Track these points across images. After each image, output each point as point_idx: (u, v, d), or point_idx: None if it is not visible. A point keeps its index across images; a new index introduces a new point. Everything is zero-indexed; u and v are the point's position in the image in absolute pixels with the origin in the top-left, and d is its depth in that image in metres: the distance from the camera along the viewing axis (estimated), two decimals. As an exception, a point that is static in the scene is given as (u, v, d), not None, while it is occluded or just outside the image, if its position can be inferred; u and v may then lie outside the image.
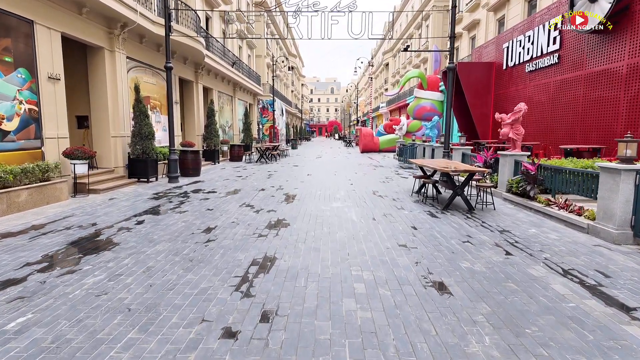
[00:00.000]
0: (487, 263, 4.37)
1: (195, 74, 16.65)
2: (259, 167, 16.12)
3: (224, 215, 6.70)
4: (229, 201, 8.06)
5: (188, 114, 16.78)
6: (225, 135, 21.76)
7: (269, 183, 10.94)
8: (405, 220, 6.41)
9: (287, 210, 7.22)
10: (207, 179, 11.75)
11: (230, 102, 22.93)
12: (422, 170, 9.16)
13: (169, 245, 4.94)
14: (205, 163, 16.32)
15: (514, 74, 15.61)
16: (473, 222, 6.36)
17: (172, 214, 6.85)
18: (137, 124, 10.58)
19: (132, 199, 8.33)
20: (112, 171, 10.46)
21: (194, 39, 13.42)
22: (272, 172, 13.82)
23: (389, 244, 5.06)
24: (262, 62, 32.95)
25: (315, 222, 6.23)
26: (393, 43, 49.60)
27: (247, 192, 9.34)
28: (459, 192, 7.24)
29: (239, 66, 23.26)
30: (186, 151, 12.29)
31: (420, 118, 27.27)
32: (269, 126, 31.86)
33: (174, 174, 10.88)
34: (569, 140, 12.01)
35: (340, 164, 17.77)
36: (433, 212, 7.09)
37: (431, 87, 27.08)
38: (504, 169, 8.54)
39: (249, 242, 5.08)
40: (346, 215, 6.77)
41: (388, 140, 28.12)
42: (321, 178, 12.15)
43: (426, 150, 15.28)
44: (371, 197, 8.63)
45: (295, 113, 57.65)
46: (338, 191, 9.51)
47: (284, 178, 12.15)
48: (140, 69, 12.18)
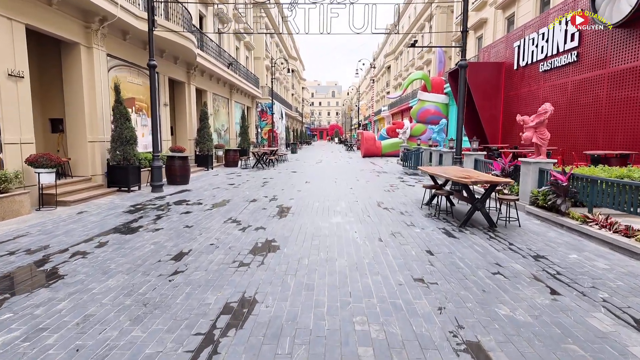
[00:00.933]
0: (531, 308, 3.35)
1: (187, 74, 15.71)
2: (255, 173, 15.12)
3: (203, 235, 5.69)
4: (213, 216, 7.05)
5: (179, 117, 15.82)
6: (220, 140, 20.80)
7: (262, 192, 9.93)
8: (418, 242, 5.38)
9: (279, 227, 6.20)
10: (195, 188, 10.75)
11: (227, 104, 21.99)
12: (432, 179, 8.15)
13: (125, 280, 3.93)
14: (198, 169, 15.35)
15: (527, 74, 14.63)
16: (498, 244, 5.33)
17: (144, 232, 5.84)
18: (117, 128, 9.60)
19: (105, 212, 7.32)
20: (89, 179, 9.48)
21: (184, 36, 12.47)
22: (267, 180, 12.82)
23: (402, 277, 4.04)
24: (261, 64, 32.07)
25: (310, 245, 5.20)
26: (395, 45, 48.74)
27: (236, 203, 8.33)
28: (479, 206, 6.22)
29: (236, 68, 22.34)
30: (173, 157, 11.31)
31: (424, 121, 26.27)
32: (268, 130, 30.90)
33: (157, 182, 9.88)
34: (591, 145, 10.99)
35: (341, 169, 16.76)
36: (449, 230, 6.06)
37: (435, 89, 26.12)
38: (526, 179, 7.52)
39: (225, 275, 4.06)
40: (347, 235, 5.75)
41: (391, 145, 27.12)
42: (320, 186, 11.14)
43: (433, 156, 14.26)
44: (376, 210, 7.61)
45: (295, 117, 56.75)
46: (338, 202, 8.49)
47: (279, 186, 11.14)
48: (124, 68, 11.22)
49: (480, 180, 5.98)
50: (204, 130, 15.73)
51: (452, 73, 18.38)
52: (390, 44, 53.16)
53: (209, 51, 17.55)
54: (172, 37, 11.86)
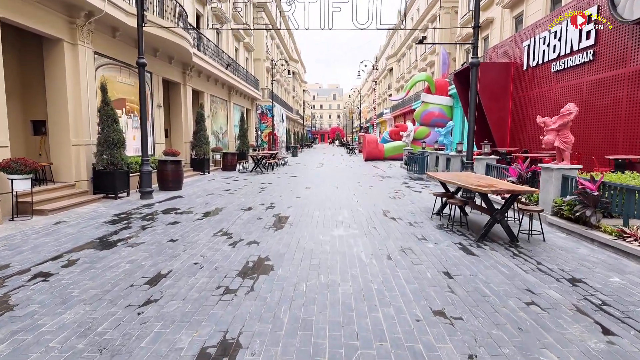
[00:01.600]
0: (584, 356, 2.66)
1: (182, 75, 15.09)
2: (253, 177, 14.46)
3: (187, 251, 5.02)
4: (202, 227, 6.38)
5: (175, 119, 15.20)
6: (218, 143, 20.17)
7: (259, 199, 9.26)
8: (432, 261, 4.70)
9: (274, 241, 5.53)
10: (188, 194, 10.09)
11: (225, 107, 21.38)
12: (443, 186, 7.48)
13: (85, 313, 3.26)
14: (193, 173, 14.70)
15: (537, 74, 13.97)
16: (525, 263, 4.64)
17: (122, 248, 5.18)
18: (103, 130, 8.96)
19: (84, 223, 6.66)
20: (73, 186, 8.83)
21: (178, 34, 11.86)
22: (265, 185, 12.15)
23: (419, 309, 3.36)
24: (261, 66, 31.50)
25: (309, 264, 4.53)
26: (397, 47, 48.18)
27: (229, 212, 7.66)
28: (499, 218, 5.54)
29: (235, 69, 21.75)
30: (165, 161, 10.65)
31: (428, 124, 25.62)
32: (268, 132, 30.30)
33: (146, 188, 9.22)
34: (610, 149, 10.30)
35: (342, 174, 16.09)
36: (466, 246, 5.38)
37: (439, 91, 25.50)
38: (547, 187, 6.83)
39: (205, 307, 3.38)
40: (352, 251, 5.07)
41: (394, 148, 26.46)
42: (321, 192, 10.47)
43: (440, 160, 13.57)
44: (382, 220, 6.93)
45: (296, 119, 56.19)
46: (340, 211, 7.81)
47: (278, 192, 10.47)
48: (114, 67, 10.60)
49: (501, 189, 5.31)
50: (200, 133, 15.10)
51: (458, 74, 17.74)
52: (393, 46, 52.62)
53: (207, 51, 16.95)
54: (165, 35, 11.24)
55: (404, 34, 45.19)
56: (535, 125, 14.57)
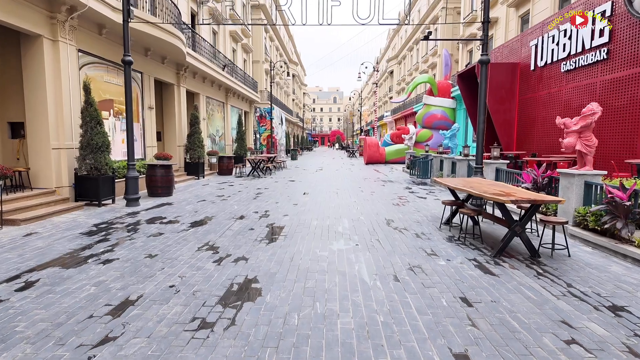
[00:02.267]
0: None
1: (176, 76, 14.52)
2: (249, 182, 13.85)
3: (165, 270, 4.40)
4: (187, 239, 5.76)
5: (168, 121, 14.61)
6: (215, 146, 19.58)
7: (253, 206, 8.64)
8: (446, 282, 4.07)
9: (265, 257, 4.90)
10: (178, 201, 9.47)
11: (222, 109, 20.80)
12: (452, 193, 6.85)
13: (24, 356, 2.63)
14: (187, 178, 14.09)
15: (546, 74, 13.38)
16: (553, 285, 4.01)
17: (92, 265, 4.55)
18: (86, 133, 8.36)
19: (58, 234, 6.04)
20: (53, 192, 8.21)
21: (170, 32, 11.28)
22: (261, 190, 11.53)
23: (436, 351, 2.73)
24: (260, 68, 30.97)
25: (303, 288, 3.90)
26: (398, 50, 47.72)
27: (219, 221, 7.03)
28: (518, 231, 4.91)
29: (232, 70, 21.20)
30: (154, 166, 10.04)
31: (430, 127, 25.03)
32: (267, 135, 29.73)
33: (133, 195, 8.61)
34: (628, 152, 9.68)
35: (343, 178, 15.47)
36: (482, 262, 4.75)
37: (442, 93, 24.93)
38: (567, 194, 6.21)
39: (173, 348, 2.75)
40: (353, 270, 4.44)
41: (395, 151, 25.87)
42: (320, 199, 9.84)
43: (444, 164, 12.95)
44: (386, 231, 6.30)
45: (296, 122, 55.67)
46: (340, 220, 7.19)
47: (274, 198, 9.84)
48: (101, 66, 10.02)
49: (521, 198, 4.68)
50: (195, 136, 14.50)
51: (463, 74, 17.17)
52: (393, 49, 52.18)
53: (202, 52, 16.40)
54: (156, 33, 10.66)
55: (404, 36, 44.74)
56: (544, 128, 14.01)
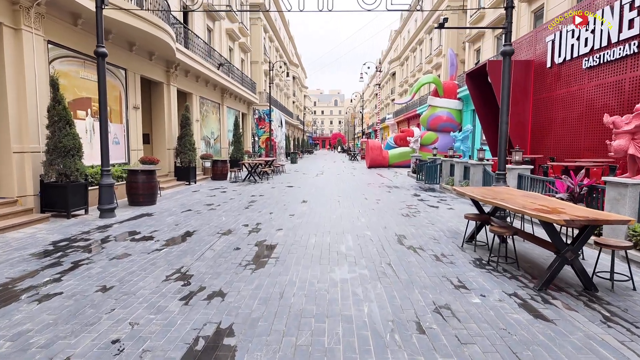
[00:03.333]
0: None
1: (166, 74, 13.52)
2: (244, 188, 12.81)
3: (115, 312, 3.34)
4: (156, 263, 4.71)
5: (157, 123, 13.60)
6: (210, 149, 18.56)
7: (243, 218, 7.59)
8: (488, 333, 3.00)
9: (248, 292, 3.84)
10: (160, 211, 8.43)
11: (218, 110, 19.80)
12: (476, 205, 5.81)
13: None
14: (177, 183, 13.06)
15: (564, 72, 12.34)
16: (633, 338, 2.95)
17: (22, 304, 3.50)
18: (53, 135, 7.35)
19: (3, 256, 5.00)
20: (15, 202, 7.18)
21: (154, 24, 10.27)
22: (256, 198, 10.48)
23: None
24: (259, 68, 30.02)
25: (294, 346, 2.83)
26: (400, 51, 46.79)
27: (201, 238, 5.98)
28: (569, 257, 3.85)
29: (229, 70, 20.22)
30: (135, 171, 9.00)
31: (436, 129, 24.02)
32: (266, 138, 28.74)
33: (107, 204, 7.57)
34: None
35: (344, 183, 14.43)
36: (526, 299, 3.69)
37: (447, 94, 23.93)
38: (617, 208, 5.15)
39: None
40: (361, 314, 3.38)
41: (399, 154, 24.83)
42: (320, 208, 8.79)
43: (456, 169, 11.89)
44: (399, 252, 5.24)
45: (296, 125, 54.71)
46: (343, 237, 6.13)
47: (268, 208, 8.80)
48: (75, 60, 9.02)
49: (577, 217, 3.62)
50: (186, 139, 13.48)
51: (472, 73, 16.14)
52: (395, 50, 51.28)
53: (196, 49, 15.42)
54: (140, 25, 9.66)
55: (407, 36, 43.80)
56: (562, 130, 12.93)
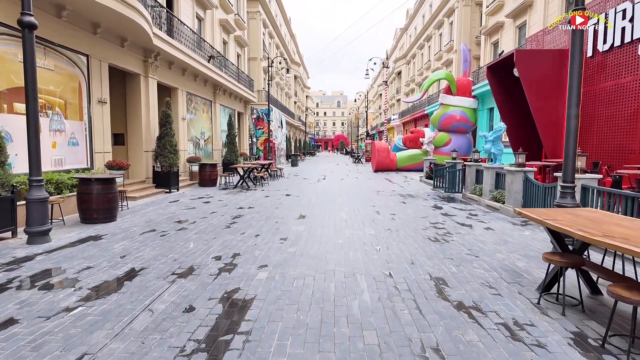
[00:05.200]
0: None
1: (143, 64, 11.66)
2: (233, 197, 10.91)
3: None
4: (42, 347, 2.79)
5: (133, 121, 11.72)
6: (199, 151, 16.68)
7: (218, 245, 5.67)
8: None
9: None
10: (115, 231, 6.51)
11: (209, 108, 17.93)
12: (555, 237, 3.86)
13: None
14: (155, 192, 11.18)
15: (611, 61, 10.36)
16: None
17: None
18: (-36, 132, 5.47)
19: None
20: None
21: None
22: (243, 211, 8.57)
23: None
24: (257, 65, 28.16)
25: None
26: (407, 49, 44.85)
27: (144, 284, 4.05)
28: None
29: (222, 64, 18.37)
30: (88, 180, 7.09)
31: (448, 130, 22.05)
32: (264, 139, 26.85)
33: (37, 226, 5.66)
34: None
35: (350, 191, 12.49)
36: None
37: (461, 91, 21.97)
38: None
39: None
40: None
41: (408, 157, 22.88)
42: (321, 229, 6.85)
43: (485, 176, 9.92)
44: (445, 319, 3.28)
45: (298, 126, 52.84)
46: (355, 282, 4.19)
47: (255, 228, 6.88)
48: (12, 40, 7.15)
49: None
50: (166, 139, 11.59)
51: (493, 66, 14.20)
52: (401, 49, 49.38)
53: (182, 38, 13.58)
54: (101, 1, 7.78)
55: (414, 33, 41.88)
56: (607, 129, 10.90)
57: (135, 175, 11.59)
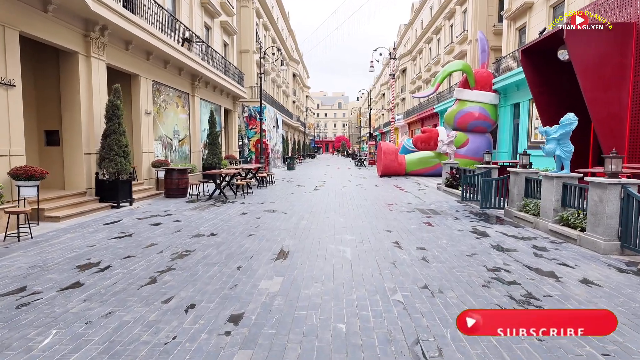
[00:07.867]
0: None
1: (84, 40, 8.89)
2: (197, 215, 8.13)
3: None
4: None
5: (70, 114, 8.92)
6: (172, 153, 13.91)
7: (100, 337, 2.89)
8: None
9: None
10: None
11: (186, 102, 15.15)
12: None
13: None
14: (96, 207, 8.40)
15: None
16: None
17: None
18: None
19: None
20: None
21: None
22: (197, 244, 5.78)
23: None
24: (249, 59, 25.42)
25: None
26: (412, 45, 42.09)
27: None
28: None
29: (203, 52, 15.62)
30: None
31: (465, 129, 19.25)
32: (256, 140, 24.07)
33: None
34: None
35: (354, 205, 9.68)
36: None
37: (480, 85, 19.18)
38: None
39: None
40: None
41: (419, 160, 20.07)
42: (308, 289, 4.05)
43: (545, 189, 7.05)
44: None
45: (297, 127, 50.06)
46: None
47: (194, 287, 4.08)
48: None
49: None
50: (112, 137, 8.81)
51: (528, 50, 11.41)
52: (406, 45, 46.64)
53: (146, 14, 10.84)
54: None
55: (420, 27, 39.11)
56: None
57: (71, 185, 8.83)
